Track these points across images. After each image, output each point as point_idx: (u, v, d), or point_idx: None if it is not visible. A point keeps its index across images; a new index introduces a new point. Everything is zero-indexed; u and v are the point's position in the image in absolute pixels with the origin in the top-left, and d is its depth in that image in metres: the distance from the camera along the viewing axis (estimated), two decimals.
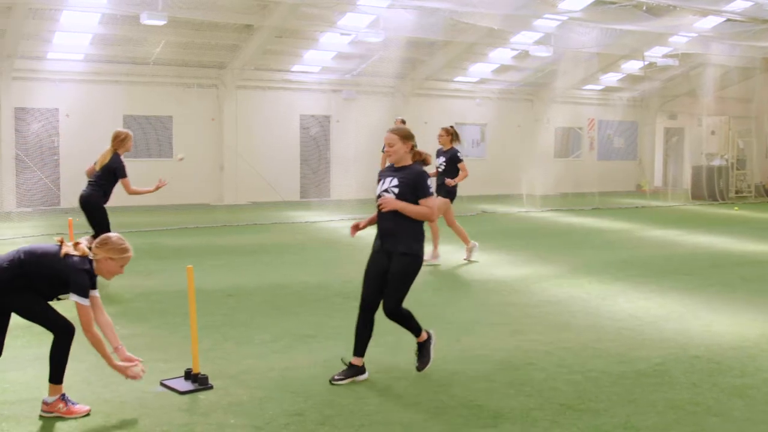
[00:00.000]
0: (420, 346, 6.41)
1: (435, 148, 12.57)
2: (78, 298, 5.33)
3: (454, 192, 12.38)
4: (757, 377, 6.33)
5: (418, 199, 6.24)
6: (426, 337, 6.43)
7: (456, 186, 12.42)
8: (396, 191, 6.26)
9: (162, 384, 6.03)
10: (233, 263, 12.31)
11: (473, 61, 26.64)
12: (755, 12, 21.69)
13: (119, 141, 10.20)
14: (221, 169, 23.98)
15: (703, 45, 24.89)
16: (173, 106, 23.19)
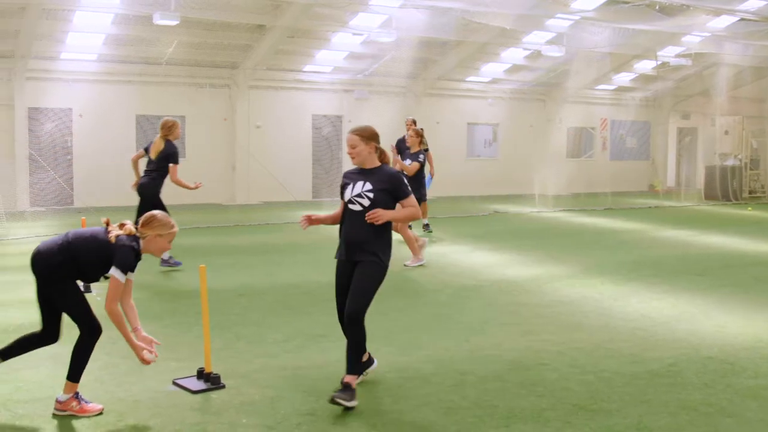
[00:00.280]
0: (345, 385, 5.61)
1: (447, 148, 12.56)
2: (117, 272, 5.40)
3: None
4: None
5: (398, 201, 5.99)
6: (354, 387, 5.65)
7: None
8: (371, 196, 5.86)
9: (174, 383, 6.05)
10: (245, 263, 12.33)
11: (485, 61, 26.60)
12: None
13: (167, 128, 11.13)
14: (233, 169, 24.03)
15: (717, 44, 24.77)
16: (186, 106, 23.24)
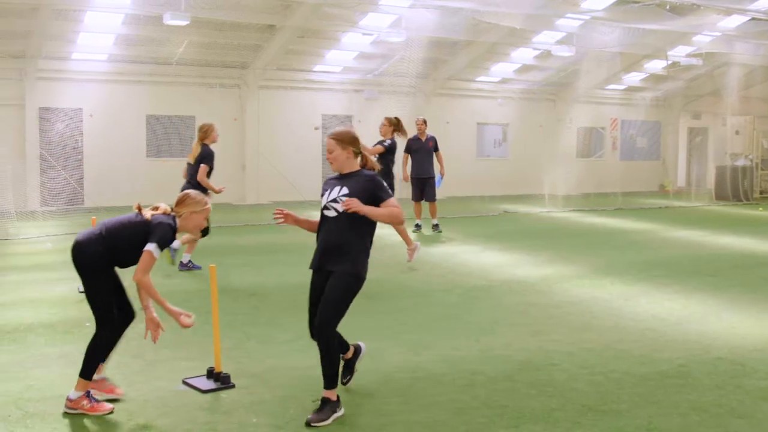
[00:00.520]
0: (324, 401, 5.38)
1: (457, 148, 12.52)
2: (153, 246, 5.41)
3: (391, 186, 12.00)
4: None
5: (379, 204, 5.58)
6: (335, 399, 5.42)
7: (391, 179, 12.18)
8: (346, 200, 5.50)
9: (184, 382, 6.07)
10: (255, 262, 12.35)
11: (495, 61, 26.57)
12: None
13: (204, 132, 11.34)
14: (243, 169, 24.07)
15: (727, 44, 24.68)
16: (196, 106, 23.28)
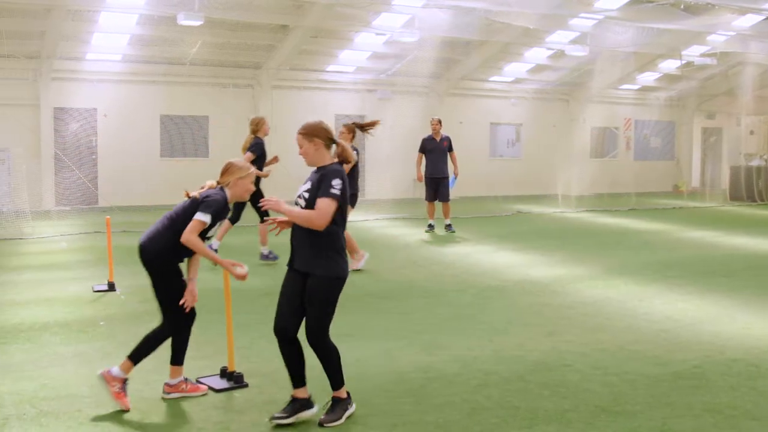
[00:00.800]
0: (335, 400, 5.38)
1: (470, 148, 12.47)
2: (201, 213, 5.56)
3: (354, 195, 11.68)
4: None
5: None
6: (345, 396, 5.41)
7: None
8: (306, 196, 5.29)
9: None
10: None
11: (508, 61, 26.54)
12: None
13: (255, 125, 11.85)
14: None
15: (742, 43, 24.57)
16: (209, 105, 23.36)
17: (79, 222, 17.96)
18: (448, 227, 16.05)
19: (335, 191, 5.14)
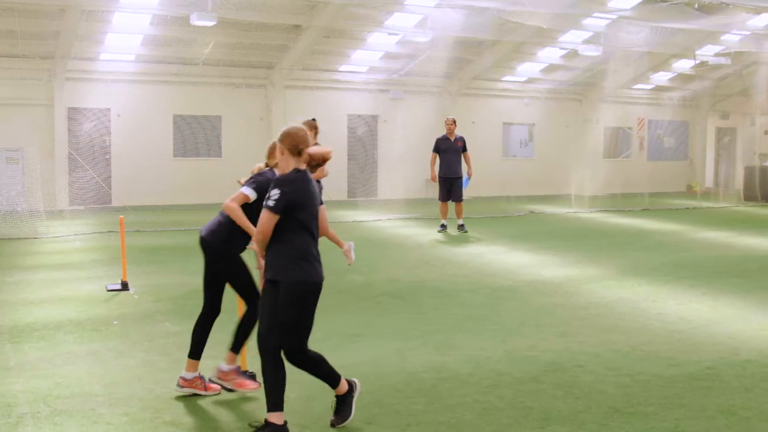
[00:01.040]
0: (339, 399, 5.29)
1: (483, 148, 12.44)
2: (246, 188, 5.72)
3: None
4: None
5: None
6: (346, 389, 5.31)
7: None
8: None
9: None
10: None
11: (521, 61, 26.49)
12: None
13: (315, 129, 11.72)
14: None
15: (757, 43, 24.46)
16: (222, 105, 23.42)
17: (93, 221, 18.04)
18: (460, 227, 16.04)
19: (269, 203, 4.96)
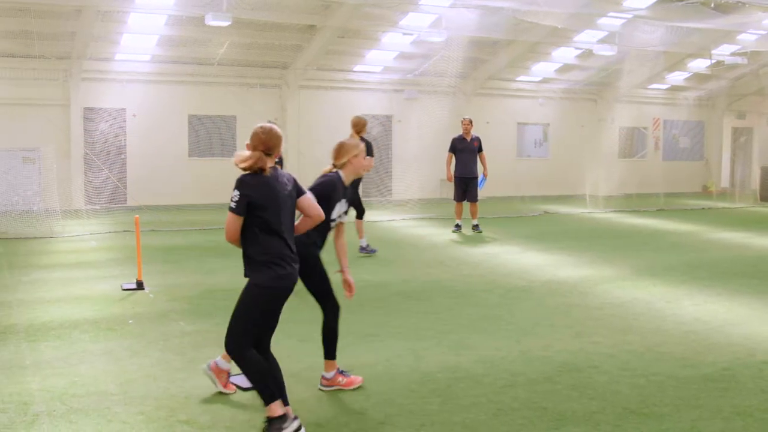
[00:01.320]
0: (268, 422, 4.97)
1: (497, 148, 12.44)
2: (309, 191, 5.79)
3: None
4: None
5: None
6: (278, 415, 4.94)
7: None
8: None
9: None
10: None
11: (536, 61, 26.44)
12: None
13: (353, 125, 12.01)
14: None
15: None
16: (237, 106, 23.49)
17: (109, 221, 18.12)
18: (475, 227, 16.02)
19: (231, 204, 5.11)
